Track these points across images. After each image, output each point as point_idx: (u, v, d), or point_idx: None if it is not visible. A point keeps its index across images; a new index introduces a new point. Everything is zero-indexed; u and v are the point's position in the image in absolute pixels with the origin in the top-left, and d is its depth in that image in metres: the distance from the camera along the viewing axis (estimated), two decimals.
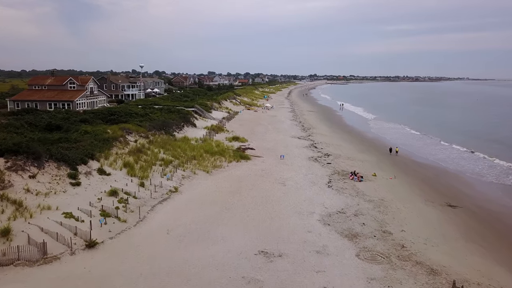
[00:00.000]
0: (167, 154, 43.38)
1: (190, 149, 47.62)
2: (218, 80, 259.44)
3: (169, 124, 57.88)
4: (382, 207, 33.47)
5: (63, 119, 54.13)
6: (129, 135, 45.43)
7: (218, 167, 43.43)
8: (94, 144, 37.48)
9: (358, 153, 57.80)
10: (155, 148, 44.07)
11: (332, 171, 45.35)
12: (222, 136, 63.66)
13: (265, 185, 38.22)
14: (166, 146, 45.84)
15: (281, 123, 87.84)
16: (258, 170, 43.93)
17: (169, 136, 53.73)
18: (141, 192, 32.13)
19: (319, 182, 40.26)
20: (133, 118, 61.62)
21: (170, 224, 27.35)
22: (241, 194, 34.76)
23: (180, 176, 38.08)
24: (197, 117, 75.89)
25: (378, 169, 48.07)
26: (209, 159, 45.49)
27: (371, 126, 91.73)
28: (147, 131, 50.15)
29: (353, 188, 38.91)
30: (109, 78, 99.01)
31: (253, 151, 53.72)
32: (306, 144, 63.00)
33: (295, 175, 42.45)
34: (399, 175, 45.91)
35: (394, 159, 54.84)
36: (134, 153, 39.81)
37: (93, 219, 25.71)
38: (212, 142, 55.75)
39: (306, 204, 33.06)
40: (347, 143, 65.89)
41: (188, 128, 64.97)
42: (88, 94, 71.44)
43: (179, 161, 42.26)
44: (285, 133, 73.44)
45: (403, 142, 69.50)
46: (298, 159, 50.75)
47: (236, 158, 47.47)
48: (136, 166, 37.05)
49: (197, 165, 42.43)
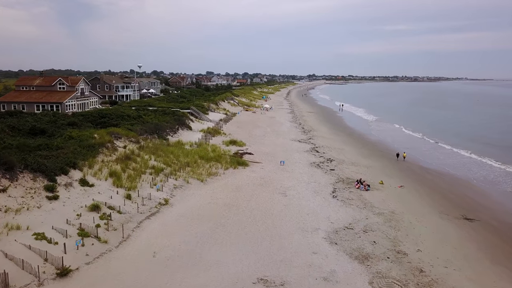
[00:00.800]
0: (159, 161, 40.20)
1: (184, 155, 44.45)
2: (216, 80, 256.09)
3: (162, 128, 54.67)
4: (394, 221, 30.39)
5: (50, 123, 50.90)
6: (118, 140, 42.22)
7: (214, 174, 40.28)
8: (77, 151, 34.26)
9: (362, 158, 54.76)
10: (145, 155, 40.89)
11: (336, 179, 42.26)
12: (218, 140, 60.50)
13: (265, 195, 35.11)
14: (158, 152, 42.65)
15: (281, 125, 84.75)
16: (257, 178, 40.81)
17: (162, 141, 50.54)
18: (127, 206, 28.96)
19: (322, 192, 37.17)
20: (125, 121, 58.44)
21: (157, 244, 24.19)
22: (238, 207, 31.62)
23: (171, 186, 34.90)
24: (193, 119, 72.72)
25: (385, 176, 45.04)
26: (204, 166, 42.34)
27: (373, 128, 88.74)
28: (138, 135, 46.97)
29: (360, 199, 35.84)
30: (102, 79, 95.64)
31: (252, 156, 50.59)
32: (307, 148, 59.92)
33: (296, 184, 39.35)
34: (407, 183, 42.90)
35: (401, 165, 51.77)
36: (122, 161, 36.63)
37: (69, 241, 22.52)
38: (208, 146, 52.60)
39: (310, 219, 29.95)
40: (350, 147, 62.85)
41: (183, 131, 61.78)
42: (79, 96, 68.17)
43: (171, 168, 39.09)
44: (284, 136, 70.35)
45: (407, 145, 66.42)
46: (299, 165, 47.65)
47: (233, 164, 44.35)
48: (123, 176, 33.85)
49: (191, 173, 39.28)
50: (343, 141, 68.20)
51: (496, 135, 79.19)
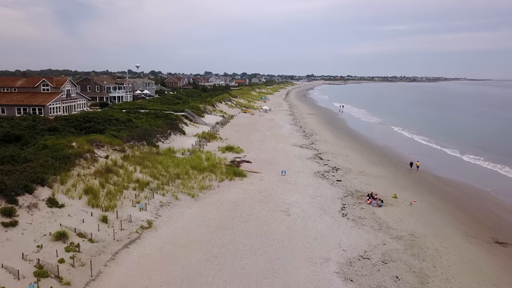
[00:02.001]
0: (145, 173, 35.65)
1: (174, 165, 39.93)
2: (214, 81, 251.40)
3: (151, 133, 50.04)
4: (416, 248, 25.95)
5: (27, 128, 46.35)
6: (100, 149, 37.65)
7: (207, 188, 35.76)
8: (48, 164, 29.68)
9: (370, 166, 50.33)
10: (130, 165, 36.32)
11: (344, 192, 37.82)
12: (214, 145, 56.00)
13: (264, 214, 30.62)
14: (144, 163, 38.10)
15: (280, 129, 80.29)
16: (256, 191, 36.32)
17: (151, 148, 45.98)
18: (102, 232, 24.43)
19: (330, 209, 32.71)
20: (113, 125, 53.91)
21: (133, 286, 19.68)
22: (234, 231, 27.12)
23: (157, 204, 30.37)
24: (187, 123, 68.20)
25: (397, 188, 40.64)
26: (196, 178, 37.82)
27: (378, 131, 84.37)
28: (124, 142, 42.39)
29: (373, 217, 31.40)
30: (93, 79, 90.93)
31: (250, 165, 46.11)
32: (309, 154, 55.48)
33: (300, 199, 34.87)
34: (423, 196, 38.50)
35: (414, 174, 47.31)
36: (101, 174, 32.08)
37: (21, 284, 18.01)
38: (202, 153, 48.09)
39: (318, 245, 25.48)
40: (356, 153, 58.42)
41: (176, 137, 57.24)
42: (64, 98, 63.55)
43: (159, 181, 34.55)
44: (285, 140, 65.89)
45: (416, 151, 62.06)
46: (302, 175, 43.20)
47: (229, 175, 39.85)
48: (101, 193, 29.30)
49: (181, 187, 34.76)
50: (348, 147, 63.79)
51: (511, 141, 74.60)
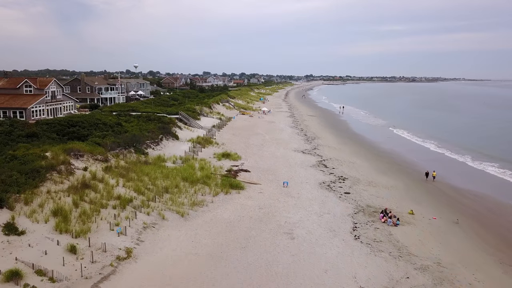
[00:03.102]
0: (128, 187, 31.31)
1: (163, 176, 35.61)
2: (212, 81, 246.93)
3: (140, 140, 45.65)
4: (447, 283, 21.71)
5: (3, 134, 41.99)
6: (79, 160, 33.30)
7: (199, 204, 31.46)
8: (11, 180, 25.37)
9: (379, 174, 46.12)
10: (112, 178, 31.98)
11: (354, 207, 33.59)
12: (209, 152, 51.72)
13: (265, 238, 26.36)
14: (129, 174, 33.75)
15: (281, 132, 76.03)
16: (255, 208, 32.05)
17: (139, 156, 41.65)
18: (68, 266, 20.13)
19: (340, 230, 28.47)
20: (99, 130, 49.59)
21: None
22: (229, 261, 22.82)
23: (140, 225, 26.08)
24: (182, 126, 63.87)
25: (412, 201, 36.46)
26: (187, 192, 33.53)
27: (382, 135, 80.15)
28: (108, 151, 38.03)
29: (390, 240, 27.19)
30: (83, 80, 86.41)
31: (248, 174, 41.86)
32: (312, 161, 51.25)
33: (305, 217, 30.63)
34: (442, 211, 34.31)
35: (427, 185, 43.05)
36: (76, 190, 27.76)
37: None
38: (196, 162, 43.79)
39: (330, 280, 21.23)
40: (362, 160, 54.20)
41: (168, 142, 52.90)
42: (49, 100, 59.17)
43: (144, 197, 30.26)
44: (286, 145, 61.64)
45: (425, 157, 57.99)
46: (306, 187, 38.96)
47: (225, 188, 35.58)
48: (73, 213, 24.98)
49: (169, 203, 30.47)
50: (353, 152, 59.55)
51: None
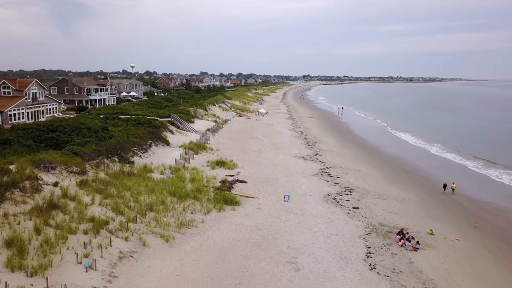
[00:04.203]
0: (106, 206, 27.02)
1: (148, 191, 31.34)
2: (209, 81, 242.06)
3: (125, 147, 41.29)
4: None
5: None
6: (49, 173, 28.97)
7: (188, 225, 27.23)
8: None
9: (389, 185, 42.06)
10: (87, 195, 27.68)
11: (366, 226, 29.49)
12: (203, 159, 47.50)
13: (264, 269, 22.17)
14: (108, 190, 29.43)
15: (280, 135, 71.87)
16: (252, 228, 27.85)
17: (123, 166, 37.34)
18: None
19: (352, 257, 24.32)
20: (82, 135, 45.29)
21: None
22: None
23: (115, 255, 21.80)
24: (173, 130, 59.60)
25: (429, 218, 32.43)
26: (175, 209, 29.30)
27: (385, 138, 76.17)
28: (86, 161, 33.69)
29: (411, 271, 23.08)
30: (71, 80, 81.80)
31: (245, 186, 37.68)
32: (315, 169, 47.15)
33: (311, 239, 26.47)
34: (465, 231, 30.28)
35: (444, 197, 38.94)
36: (41, 212, 23.46)
37: None
38: (187, 171, 39.56)
39: None
40: (368, 167, 50.12)
41: (157, 148, 48.60)
42: (29, 102, 54.76)
43: (124, 217, 25.99)
44: (285, 150, 57.49)
45: (434, 163, 54.16)
46: (310, 200, 34.81)
47: (218, 203, 31.37)
48: (33, 243, 20.67)
49: (153, 224, 26.23)
50: (357, 158, 55.48)
51: None
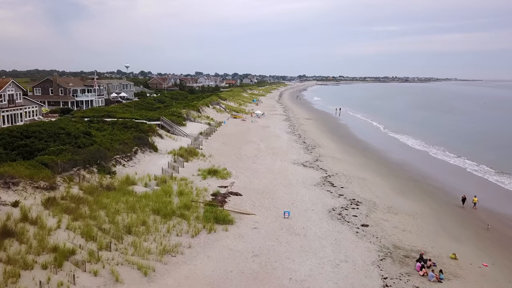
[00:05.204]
0: (74, 229, 22.85)
1: (128, 208, 27.20)
2: (203, 81, 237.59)
3: (105, 155, 37.03)
4: None
5: None
6: (10, 190, 24.73)
7: (172, 251, 23.11)
8: None
9: (398, 196, 38.23)
10: (53, 216, 23.48)
11: (379, 249, 25.57)
12: (193, 167, 43.42)
13: None
14: (79, 209, 25.24)
15: (277, 139, 67.91)
16: (248, 255, 23.80)
17: (103, 177, 33.13)
18: None
19: None
20: (60, 142, 41.02)
21: None
22: None
23: None
24: (163, 135, 55.41)
25: (449, 237, 28.65)
26: (158, 230, 25.20)
27: (387, 142, 72.52)
28: (58, 173, 29.45)
29: None
30: (56, 81, 77.28)
31: (239, 199, 33.64)
32: (316, 177, 43.24)
33: (316, 268, 22.47)
34: (493, 253, 26.52)
35: (464, 213, 35.00)
36: None
37: None
38: (174, 182, 35.45)
39: None
40: (373, 174, 46.27)
41: (144, 156, 44.41)
42: (5, 105, 50.38)
43: (96, 243, 21.86)
44: (283, 156, 53.54)
45: (443, 170, 50.50)
46: (312, 217, 30.84)
47: (209, 222, 27.31)
48: None
49: (130, 251, 22.09)
50: (360, 164, 51.62)
51: None
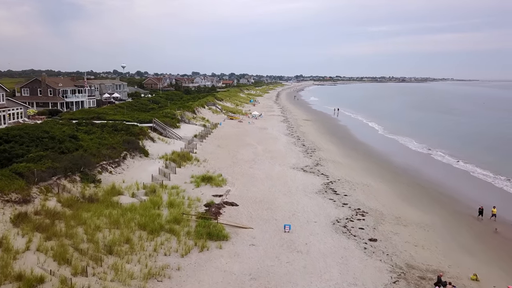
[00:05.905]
0: (45, 251, 20.00)
1: (111, 223, 24.38)
2: (200, 81, 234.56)
3: (89, 162, 34.11)
4: None
5: None
6: None
7: (158, 275, 20.29)
8: None
9: (406, 205, 35.59)
10: (22, 236, 20.62)
11: (391, 269, 22.87)
12: (186, 173, 40.63)
13: None
14: (54, 226, 22.39)
15: (275, 141, 65.20)
16: (245, 278, 21.03)
17: (87, 186, 30.28)
18: None
19: None
20: (43, 146, 38.13)
21: None
22: None
23: None
24: (155, 138, 52.56)
25: (466, 253, 26.04)
26: (143, 249, 22.38)
27: (389, 144, 70.03)
28: (34, 184, 26.56)
29: None
30: (45, 81, 74.20)
31: (235, 210, 30.88)
32: (317, 184, 40.56)
33: None
34: None
35: (480, 225, 32.27)
36: None
37: None
38: (164, 191, 32.63)
39: None
40: (377, 180, 43.65)
41: (133, 161, 41.55)
42: None
43: (70, 268, 19.03)
44: (282, 160, 50.83)
45: (450, 175, 47.97)
46: (316, 230, 28.11)
47: (201, 238, 24.52)
48: None
49: (110, 275, 19.27)
50: (363, 169, 48.98)
51: None
